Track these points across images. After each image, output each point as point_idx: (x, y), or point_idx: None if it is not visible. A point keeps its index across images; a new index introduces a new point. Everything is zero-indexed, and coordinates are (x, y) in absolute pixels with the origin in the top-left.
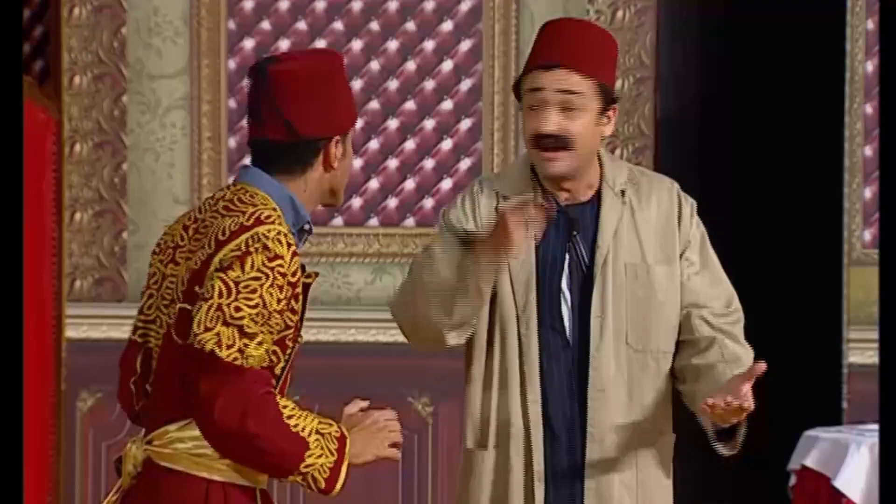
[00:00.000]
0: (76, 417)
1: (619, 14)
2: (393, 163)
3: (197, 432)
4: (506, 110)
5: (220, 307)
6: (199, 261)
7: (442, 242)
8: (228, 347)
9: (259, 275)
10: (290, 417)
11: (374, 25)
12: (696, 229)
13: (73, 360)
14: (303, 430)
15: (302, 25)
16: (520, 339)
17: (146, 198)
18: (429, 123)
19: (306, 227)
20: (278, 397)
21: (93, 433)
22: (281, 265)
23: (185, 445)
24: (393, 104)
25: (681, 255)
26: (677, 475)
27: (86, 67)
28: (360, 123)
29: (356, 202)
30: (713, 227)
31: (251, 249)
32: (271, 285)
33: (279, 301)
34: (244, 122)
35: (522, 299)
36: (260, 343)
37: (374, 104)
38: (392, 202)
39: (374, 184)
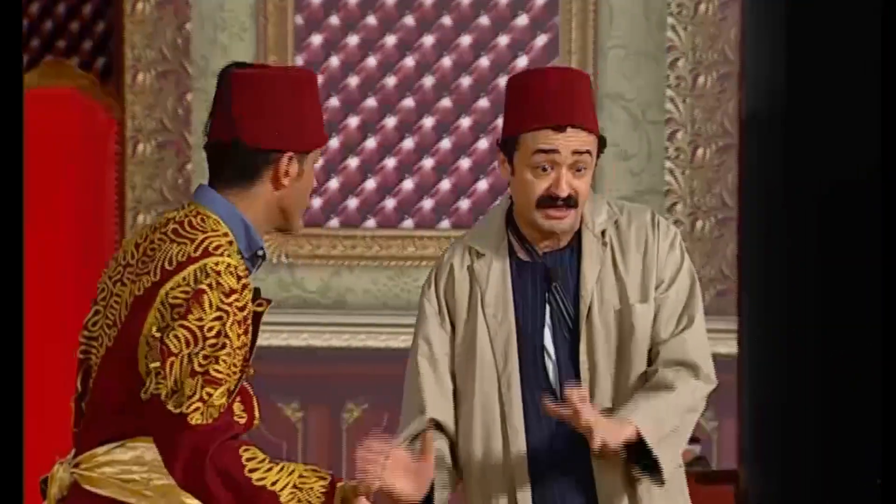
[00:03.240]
0: None
1: (702, 7)
2: (465, 162)
3: (126, 456)
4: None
5: (190, 358)
6: (143, 288)
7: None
8: (192, 403)
9: (220, 313)
10: (252, 471)
11: (447, 20)
12: (674, 256)
13: None
14: (272, 483)
15: (371, 20)
16: (501, 400)
17: None
18: (500, 122)
19: (259, 252)
20: (244, 450)
21: None
22: (237, 300)
23: (113, 469)
24: (465, 102)
25: (656, 288)
26: None
27: (149, 65)
28: (430, 122)
29: (427, 203)
30: (799, 230)
31: (203, 287)
32: (232, 323)
33: (239, 337)
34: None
35: (502, 359)
36: (226, 389)
37: (445, 101)
38: (464, 203)
39: (445, 184)
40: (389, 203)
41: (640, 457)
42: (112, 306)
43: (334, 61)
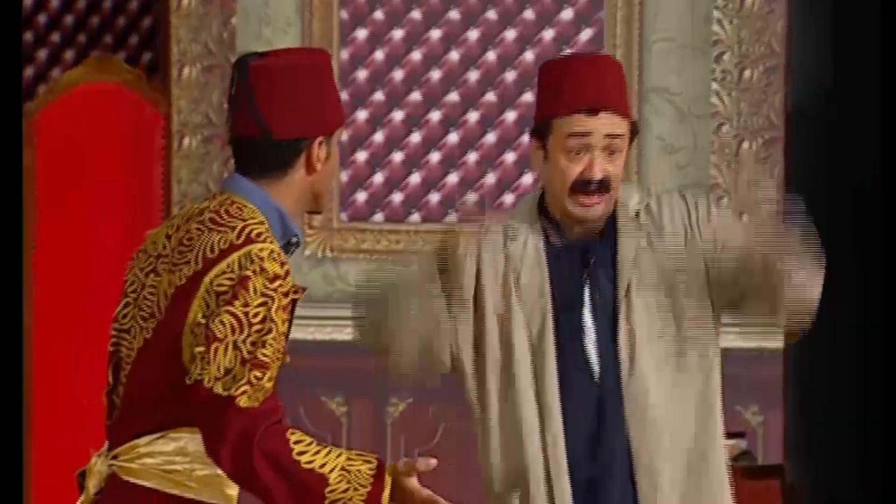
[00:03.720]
0: None
1: (748, 1)
2: (511, 156)
3: (168, 447)
4: (630, 101)
5: (236, 345)
6: (185, 277)
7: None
8: (240, 386)
9: (265, 299)
10: (301, 454)
11: (492, 14)
12: (710, 213)
13: None
14: (321, 466)
15: (416, 14)
16: (536, 381)
17: None
18: None
19: (293, 240)
20: (290, 433)
21: None
22: (281, 285)
23: (155, 460)
24: (510, 97)
25: (705, 251)
26: None
27: (195, 59)
28: (475, 116)
29: (472, 198)
30: (844, 223)
31: (248, 273)
32: (277, 307)
33: (284, 322)
34: (356, 116)
35: (536, 340)
36: (272, 374)
37: (490, 96)
38: (508, 198)
39: (490, 179)
40: (434, 197)
41: None
42: (146, 298)
43: (379, 55)
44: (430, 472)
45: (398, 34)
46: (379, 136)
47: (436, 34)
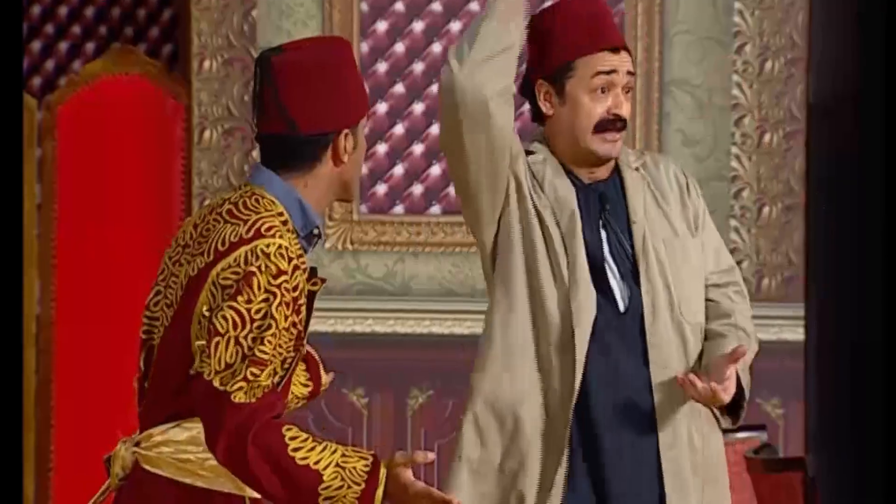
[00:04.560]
0: None
1: None
2: None
3: (181, 437)
4: (648, 93)
5: (237, 341)
6: (197, 268)
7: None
8: (236, 382)
9: (267, 295)
10: (296, 450)
11: None
12: (701, 201)
13: None
14: (315, 462)
15: (436, 6)
16: (564, 323)
17: None
18: None
19: (315, 231)
20: (286, 429)
21: None
22: (286, 281)
23: (169, 449)
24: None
25: (696, 227)
26: None
27: (215, 52)
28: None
29: None
30: (866, 216)
31: (253, 269)
32: (279, 304)
33: (286, 318)
34: (376, 108)
35: (568, 238)
36: (272, 369)
37: None
38: None
39: None
40: (454, 190)
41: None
42: (171, 286)
43: (399, 48)
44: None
45: (418, 26)
46: (399, 129)
47: (456, 26)
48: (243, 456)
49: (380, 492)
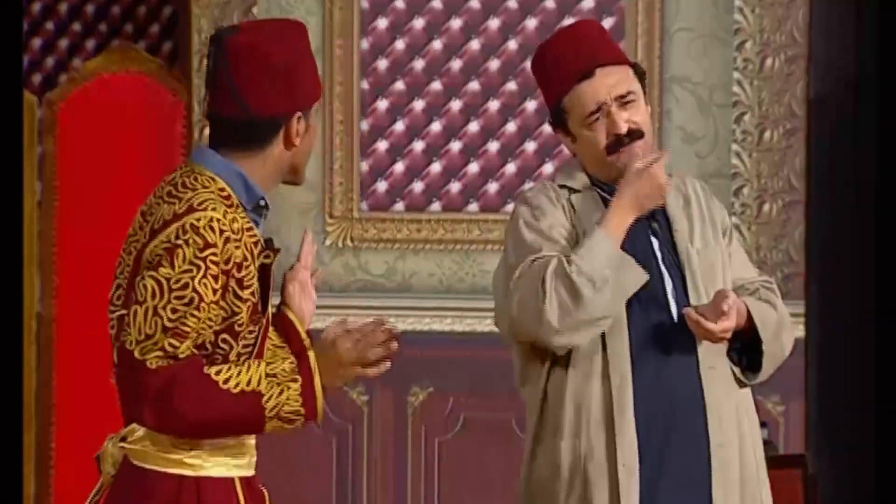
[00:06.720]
0: None
1: None
2: (531, 145)
3: None
4: (649, 91)
5: (156, 311)
6: (136, 250)
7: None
8: (155, 352)
9: (190, 267)
10: (226, 381)
11: (512, 3)
12: (726, 215)
13: None
14: (248, 383)
15: (437, 4)
16: (629, 317)
17: None
18: None
19: (262, 202)
20: (208, 368)
21: None
22: (213, 254)
23: (153, 442)
24: (531, 85)
25: (724, 238)
26: None
27: None
28: (496, 105)
29: (492, 187)
30: (866, 213)
31: (179, 242)
32: (204, 276)
33: (215, 291)
34: (377, 105)
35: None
36: (192, 342)
37: (511, 85)
38: (529, 186)
39: (510, 168)
40: (454, 187)
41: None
42: (125, 276)
43: (400, 45)
44: (452, 460)
45: (419, 23)
46: (399, 126)
47: (456, 23)
48: (173, 412)
49: (317, 378)
